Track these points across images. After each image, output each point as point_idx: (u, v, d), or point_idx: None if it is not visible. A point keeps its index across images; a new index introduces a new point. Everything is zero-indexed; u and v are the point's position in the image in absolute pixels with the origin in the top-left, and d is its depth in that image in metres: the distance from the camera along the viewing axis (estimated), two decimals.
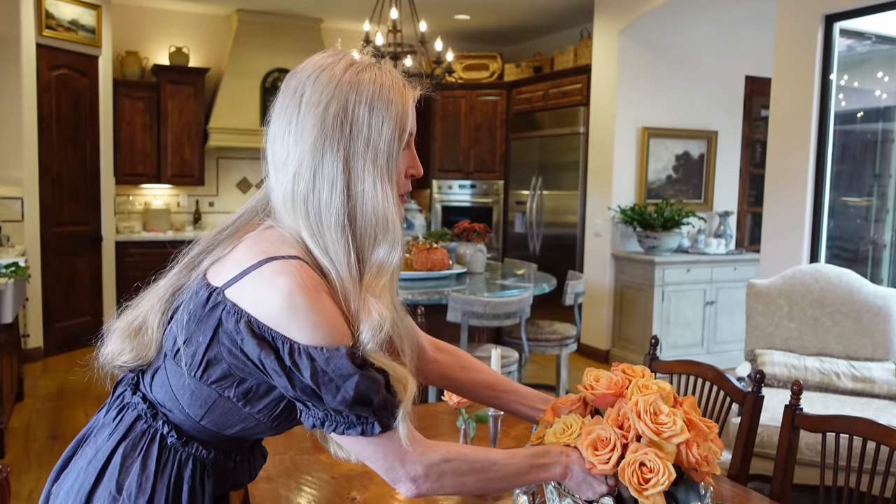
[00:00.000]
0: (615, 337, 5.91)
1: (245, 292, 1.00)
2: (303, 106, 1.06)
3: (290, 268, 1.00)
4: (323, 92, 1.06)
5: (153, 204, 6.71)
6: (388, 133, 1.07)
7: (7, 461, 3.47)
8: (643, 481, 1.06)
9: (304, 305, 0.98)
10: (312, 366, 0.98)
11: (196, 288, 1.06)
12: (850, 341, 3.49)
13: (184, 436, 1.09)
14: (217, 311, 1.01)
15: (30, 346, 5.20)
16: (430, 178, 7.49)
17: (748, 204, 6.44)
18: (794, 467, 1.60)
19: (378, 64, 1.12)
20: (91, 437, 1.14)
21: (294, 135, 1.06)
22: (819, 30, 3.94)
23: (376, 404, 1.00)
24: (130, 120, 6.32)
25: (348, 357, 0.98)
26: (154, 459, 1.07)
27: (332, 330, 0.99)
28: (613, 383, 1.17)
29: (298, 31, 6.83)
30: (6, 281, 3.60)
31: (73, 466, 1.12)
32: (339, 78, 1.06)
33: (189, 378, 1.03)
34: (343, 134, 1.05)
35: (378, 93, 1.07)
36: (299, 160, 1.05)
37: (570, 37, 6.98)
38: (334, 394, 0.98)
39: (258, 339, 0.98)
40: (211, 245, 1.12)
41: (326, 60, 1.09)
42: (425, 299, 3.54)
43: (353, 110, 1.06)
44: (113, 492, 1.05)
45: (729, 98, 6.13)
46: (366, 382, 0.99)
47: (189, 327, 1.03)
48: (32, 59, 5.15)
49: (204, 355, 1.02)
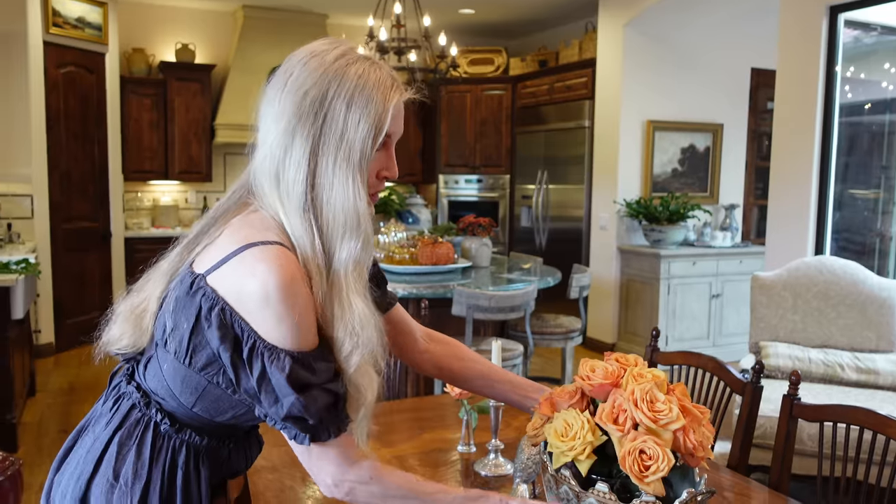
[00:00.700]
0: (621, 330, 5.92)
1: (226, 278, 1.02)
2: (287, 86, 1.08)
3: (271, 254, 1.01)
4: (308, 77, 1.07)
5: (161, 200, 6.76)
6: (363, 131, 1.07)
7: (20, 455, 3.52)
8: (643, 469, 1.08)
9: (277, 296, 0.99)
10: (261, 370, 1.00)
11: (183, 274, 1.08)
12: (854, 333, 3.49)
13: (177, 423, 1.11)
14: (198, 296, 1.02)
15: (41, 341, 5.25)
16: (437, 172, 7.51)
17: (754, 197, 6.43)
18: (792, 456, 1.61)
19: (373, 60, 1.12)
20: (89, 427, 1.17)
21: (274, 114, 1.08)
22: (824, 21, 3.93)
23: (310, 424, 1.03)
24: (138, 117, 6.37)
25: (288, 378, 1.00)
26: (148, 447, 1.10)
27: (294, 330, 1.01)
28: (609, 373, 1.18)
29: (304, 27, 6.85)
30: (17, 277, 3.65)
31: (72, 456, 1.16)
32: (326, 66, 1.07)
33: (178, 364, 1.06)
34: (315, 122, 1.06)
35: (360, 89, 1.07)
36: (274, 138, 1.07)
37: (575, 30, 6.98)
38: (272, 403, 1.02)
39: (223, 331, 1.00)
40: (207, 226, 1.13)
41: (322, 47, 1.11)
42: (430, 293, 3.56)
43: (330, 101, 1.06)
44: (110, 479, 1.09)
45: (735, 91, 6.11)
46: (300, 405, 1.01)
47: (176, 314, 1.05)
48: (40, 56, 5.19)
49: (189, 341, 1.04)
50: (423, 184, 7.85)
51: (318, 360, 1.04)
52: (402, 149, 7.62)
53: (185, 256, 1.12)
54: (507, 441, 1.71)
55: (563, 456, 1.13)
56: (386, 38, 4.66)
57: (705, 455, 1.13)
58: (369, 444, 1.13)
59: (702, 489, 1.11)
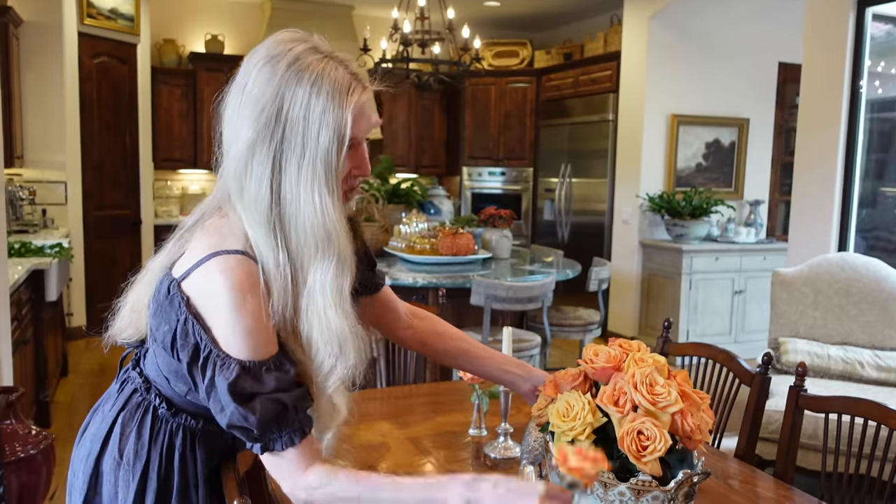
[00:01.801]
0: (642, 324, 5.93)
1: (193, 285, 1.05)
2: (244, 98, 1.06)
3: (228, 265, 1.03)
4: (262, 89, 1.04)
5: (190, 189, 6.89)
6: (324, 142, 1.04)
7: (52, 431, 3.65)
8: (641, 448, 1.12)
9: (229, 303, 1.01)
10: (211, 377, 1.03)
11: (162, 276, 1.10)
12: (875, 331, 3.47)
13: (173, 407, 1.17)
14: (175, 301, 1.06)
15: (73, 324, 5.41)
16: (461, 164, 7.55)
17: (780, 193, 6.37)
18: (797, 447, 1.64)
19: (329, 57, 1.08)
20: (100, 407, 1.25)
21: (234, 126, 1.07)
22: (851, 15, 3.89)
23: (255, 434, 1.04)
24: (168, 106, 6.50)
25: (230, 388, 1.01)
26: (148, 429, 1.16)
27: (246, 339, 1.02)
28: (612, 357, 1.22)
29: (330, 19, 6.92)
30: (51, 260, 3.77)
31: (87, 433, 1.24)
32: (279, 76, 1.04)
33: (170, 359, 1.10)
34: (274, 137, 1.03)
35: (315, 97, 1.03)
36: (236, 152, 1.06)
37: (601, 23, 6.95)
38: (218, 411, 1.05)
39: (185, 336, 1.04)
40: (193, 224, 1.15)
41: (275, 49, 1.07)
42: (450, 283, 3.61)
43: (286, 114, 1.03)
44: (116, 457, 1.16)
45: (761, 85, 6.06)
46: (240, 415, 1.02)
47: (157, 317, 1.09)
48: (74, 47, 5.33)
49: (173, 342, 1.07)
50: (446, 175, 7.89)
51: (270, 370, 1.04)
52: (426, 140, 7.68)
53: (174, 254, 1.13)
54: (516, 425, 1.76)
55: (564, 436, 1.17)
56: (410, 31, 4.71)
57: (703, 438, 1.17)
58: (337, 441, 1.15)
59: (697, 470, 1.15)
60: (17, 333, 3.19)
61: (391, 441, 1.76)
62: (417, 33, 4.80)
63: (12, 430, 2.58)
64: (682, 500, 1.15)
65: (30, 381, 3.59)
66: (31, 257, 3.78)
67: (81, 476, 1.19)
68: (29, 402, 3.53)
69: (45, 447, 2.65)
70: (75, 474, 1.22)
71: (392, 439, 1.77)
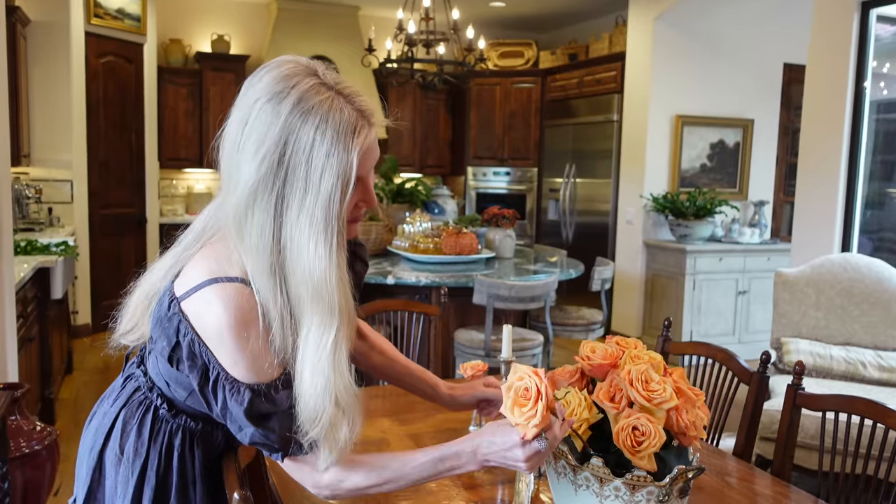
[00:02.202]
0: (645, 325, 5.93)
1: (193, 308, 1.05)
2: (244, 138, 1.02)
3: (227, 294, 1.02)
4: (264, 130, 1.01)
5: (195, 188, 6.92)
6: (327, 188, 1.01)
7: (57, 428, 3.68)
8: (636, 444, 1.13)
9: (229, 335, 1.02)
10: (224, 401, 1.05)
11: (164, 290, 1.11)
12: (878, 331, 3.47)
13: (174, 408, 1.19)
14: (175, 320, 1.07)
15: (78, 322, 5.44)
16: (465, 164, 7.56)
17: (785, 193, 6.36)
18: (794, 444, 1.65)
19: (335, 93, 1.04)
20: (105, 400, 1.27)
21: (235, 165, 1.04)
22: (855, 16, 3.88)
23: (276, 446, 1.07)
24: (174, 106, 6.53)
25: (246, 412, 1.04)
26: (148, 428, 1.18)
27: (250, 367, 1.04)
28: (608, 354, 1.24)
29: (336, 19, 6.95)
30: (56, 258, 3.80)
31: (91, 424, 1.26)
32: (282, 119, 1.00)
33: (169, 367, 1.12)
34: (276, 182, 1.01)
35: (319, 140, 1.00)
36: (237, 195, 1.03)
37: (606, 24, 6.96)
38: (237, 430, 1.08)
39: (193, 359, 1.06)
40: (194, 240, 1.15)
41: (278, 86, 1.02)
42: (453, 282, 3.63)
43: (289, 158, 1.00)
44: (118, 452, 1.18)
45: (766, 86, 6.05)
46: (261, 435, 1.05)
47: (156, 331, 1.11)
48: (81, 46, 5.36)
49: (172, 353, 1.09)
50: (451, 175, 7.91)
51: (279, 389, 1.06)
52: (431, 140, 7.70)
53: (178, 262, 1.14)
54: None
55: None
56: (415, 31, 4.72)
57: (698, 434, 1.18)
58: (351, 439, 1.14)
59: (692, 466, 1.16)
60: (22, 331, 3.22)
61: (391, 438, 1.78)
62: (422, 34, 4.82)
63: (17, 426, 2.60)
64: (677, 495, 1.17)
65: (35, 378, 3.61)
66: (36, 255, 3.81)
67: (86, 468, 1.22)
68: (34, 398, 3.56)
69: (50, 443, 2.67)
70: (81, 464, 1.25)
71: (392, 436, 1.79)
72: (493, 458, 1.11)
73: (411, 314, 2.68)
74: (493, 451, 1.10)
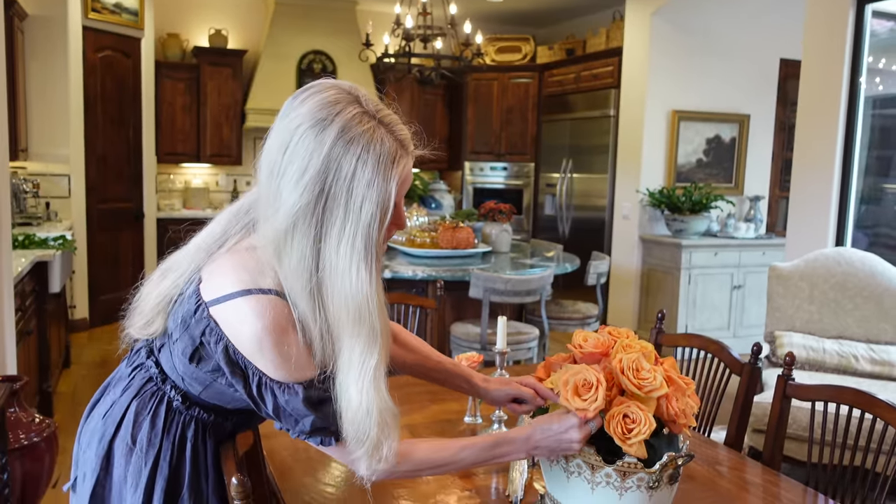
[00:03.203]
0: (641, 318, 5.96)
1: (225, 317, 1.07)
2: (284, 162, 1.05)
3: (262, 306, 1.05)
4: (306, 158, 1.03)
5: (193, 182, 6.93)
6: (367, 216, 1.04)
7: (55, 421, 3.70)
8: (626, 431, 1.16)
9: (269, 346, 1.05)
10: (275, 401, 1.08)
11: (190, 293, 1.12)
12: (870, 325, 3.50)
13: (188, 401, 1.21)
14: (202, 324, 1.09)
15: (76, 316, 5.46)
16: (463, 159, 7.57)
17: (781, 188, 6.39)
18: (784, 434, 1.67)
19: (374, 128, 1.06)
20: (111, 387, 1.27)
21: (274, 190, 1.06)
22: (850, 11, 3.90)
23: (333, 430, 1.10)
24: (171, 100, 6.53)
25: (304, 401, 1.07)
26: (161, 419, 1.19)
27: (294, 370, 1.07)
28: (600, 343, 1.26)
29: (334, 13, 6.95)
30: (54, 252, 3.81)
31: (96, 410, 1.26)
32: (325, 148, 1.03)
33: (187, 363, 1.14)
34: (317, 209, 1.03)
35: (361, 170, 1.03)
36: (275, 220, 1.05)
37: (603, 19, 6.97)
38: (293, 425, 1.10)
39: (231, 366, 1.08)
40: (217, 241, 1.16)
41: (322, 113, 1.04)
42: (449, 276, 3.65)
43: (331, 185, 1.03)
44: (129, 443, 1.19)
45: (762, 82, 6.07)
46: (321, 420, 1.09)
47: (181, 330, 1.13)
48: (79, 41, 5.36)
49: (194, 352, 1.12)
50: (448, 170, 7.92)
51: (327, 378, 1.10)
52: (428, 135, 7.64)
53: (196, 269, 1.15)
54: (509, 413, 1.79)
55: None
56: (412, 26, 4.73)
57: (687, 422, 1.20)
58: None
59: (681, 453, 1.18)
60: (20, 324, 3.23)
61: None
62: (420, 28, 4.83)
63: (16, 418, 2.62)
64: (667, 482, 1.19)
65: (33, 371, 3.63)
66: (34, 249, 3.82)
67: (94, 457, 1.22)
68: (32, 391, 3.57)
69: (49, 435, 2.69)
70: (87, 450, 1.24)
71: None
72: (544, 443, 1.19)
73: (408, 307, 2.70)
74: (547, 437, 1.18)
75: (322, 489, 1.48)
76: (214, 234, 1.18)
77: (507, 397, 1.47)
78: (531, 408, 1.42)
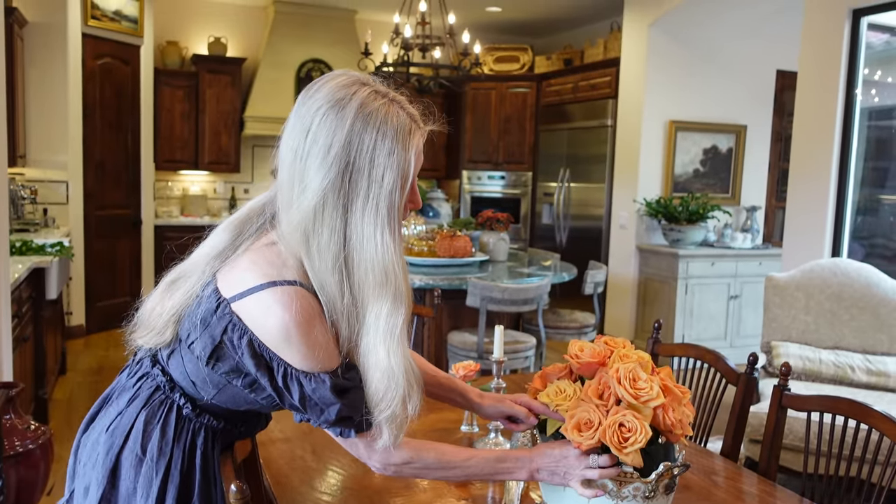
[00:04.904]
0: (638, 328, 5.96)
1: (248, 311, 1.10)
2: (308, 143, 1.10)
3: (288, 297, 1.08)
4: (329, 136, 1.09)
5: (191, 190, 6.93)
6: (389, 184, 1.10)
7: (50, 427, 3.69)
8: (622, 440, 1.16)
9: (297, 336, 1.08)
10: (301, 391, 1.11)
11: (208, 293, 1.14)
12: (866, 335, 3.51)
13: (197, 408, 1.21)
14: (224, 321, 1.11)
15: (73, 323, 5.45)
16: (461, 168, 7.59)
17: (777, 199, 6.41)
18: (780, 444, 1.68)
19: (390, 98, 1.13)
20: (114, 398, 1.26)
21: (299, 172, 1.10)
22: (846, 24, 3.93)
23: (356, 421, 1.14)
24: (170, 108, 6.55)
25: (332, 389, 1.10)
26: (172, 427, 1.19)
27: (321, 359, 1.10)
28: (596, 353, 1.26)
29: (333, 22, 6.98)
30: (51, 259, 3.81)
31: (98, 422, 1.25)
32: (347, 124, 1.09)
33: (201, 366, 1.14)
34: (343, 184, 1.09)
35: (381, 141, 1.09)
36: (302, 200, 1.10)
37: (601, 30, 7.01)
38: (318, 415, 1.13)
39: (256, 359, 1.10)
40: (233, 241, 1.18)
41: (339, 94, 1.11)
42: (446, 284, 3.65)
43: (353, 160, 1.09)
44: (139, 453, 1.18)
45: (759, 92, 6.10)
46: (347, 409, 1.12)
47: (200, 329, 1.13)
48: (78, 48, 5.38)
49: (213, 352, 1.13)
50: (446, 179, 7.94)
51: (351, 367, 1.14)
52: (426, 143, 7.67)
53: (209, 271, 1.17)
54: None
55: (559, 407, 1.24)
56: (411, 35, 4.75)
57: (684, 432, 1.20)
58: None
59: (677, 463, 1.18)
60: (17, 330, 3.23)
61: None
62: (418, 38, 4.85)
63: (12, 425, 2.62)
64: (663, 491, 1.19)
65: (29, 377, 3.62)
66: (31, 256, 3.82)
67: (101, 470, 1.19)
68: (28, 398, 3.56)
69: (44, 442, 2.69)
70: (93, 465, 1.21)
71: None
72: (544, 467, 1.22)
73: None
74: (546, 462, 1.22)
75: (318, 497, 1.48)
76: (225, 241, 1.19)
77: (500, 415, 1.48)
78: (526, 426, 1.43)
